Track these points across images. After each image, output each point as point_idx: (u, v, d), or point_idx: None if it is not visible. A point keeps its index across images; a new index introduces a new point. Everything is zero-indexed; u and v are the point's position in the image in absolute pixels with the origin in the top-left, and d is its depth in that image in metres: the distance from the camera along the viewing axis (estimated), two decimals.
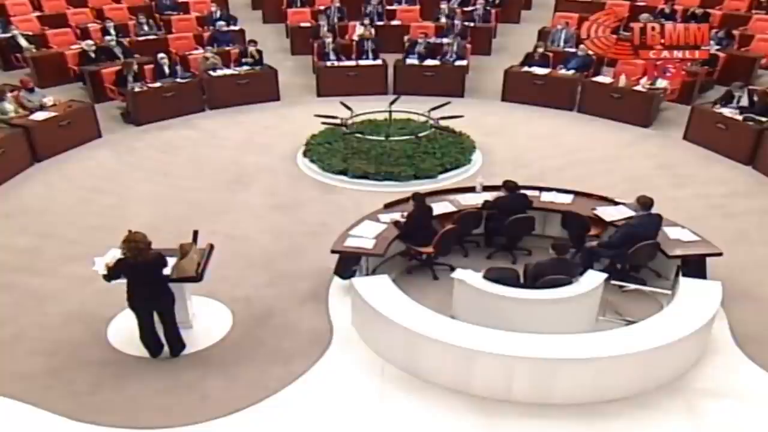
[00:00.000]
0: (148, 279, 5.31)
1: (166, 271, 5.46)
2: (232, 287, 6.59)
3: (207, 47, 12.49)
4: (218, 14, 13.76)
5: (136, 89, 10.75)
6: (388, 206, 7.15)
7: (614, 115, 10.92)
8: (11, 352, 5.76)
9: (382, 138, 9.22)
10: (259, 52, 12.13)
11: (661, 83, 10.82)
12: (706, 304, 5.62)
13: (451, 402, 5.25)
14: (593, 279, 5.82)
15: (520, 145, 10.11)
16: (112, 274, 5.26)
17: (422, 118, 9.84)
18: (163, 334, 5.63)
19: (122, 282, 5.34)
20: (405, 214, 6.79)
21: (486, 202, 7.16)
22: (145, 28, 13.29)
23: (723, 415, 5.14)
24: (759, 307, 6.37)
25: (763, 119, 9.35)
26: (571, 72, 11.59)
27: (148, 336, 5.57)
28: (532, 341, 5.22)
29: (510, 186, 7.09)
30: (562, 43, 12.77)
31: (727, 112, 9.75)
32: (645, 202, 6.52)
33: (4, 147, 8.88)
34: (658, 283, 6.57)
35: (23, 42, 12.31)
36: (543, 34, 13.40)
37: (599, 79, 11.46)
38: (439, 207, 7.11)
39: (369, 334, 5.84)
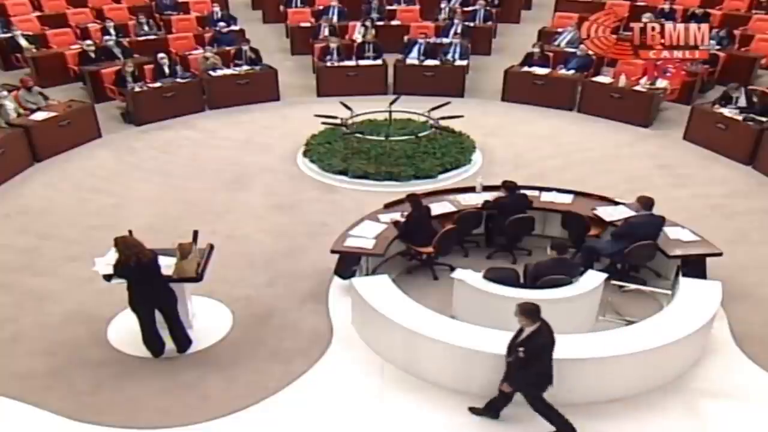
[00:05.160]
0: (149, 278, 5.32)
1: (164, 271, 5.46)
2: (232, 287, 6.59)
3: (207, 47, 12.48)
4: (219, 15, 13.76)
5: (136, 89, 10.75)
6: (388, 206, 7.15)
7: (614, 115, 10.91)
8: (11, 352, 5.76)
9: (382, 138, 9.21)
10: (255, 51, 12.08)
11: (661, 83, 10.82)
12: (706, 304, 5.62)
13: (451, 402, 5.24)
14: (593, 279, 5.83)
15: (520, 145, 10.11)
16: (119, 274, 5.28)
17: (422, 118, 9.83)
18: (168, 333, 5.64)
19: (122, 282, 5.34)
20: (405, 214, 6.80)
21: (486, 202, 7.16)
22: (145, 28, 13.29)
23: (723, 415, 5.14)
24: (759, 307, 6.37)
25: (763, 119, 9.35)
26: (571, 72, 11.59)
27: (150, 336, 5.57)
28: None
29: (510, 186, 7.08)
30: (563, 43, 12.75)
31: (727, 112, 9.75)
32: (645, 202, 6.52)
33: (4, 147, 8.89)
34: (658, 283, 6.57)
35: (23, 42, 12.31)
36: (544, 34, 13.39)
37: (599, 79, 11.45)
38: (439, 207, 7.11)
39: (369, 334, 5.84)
